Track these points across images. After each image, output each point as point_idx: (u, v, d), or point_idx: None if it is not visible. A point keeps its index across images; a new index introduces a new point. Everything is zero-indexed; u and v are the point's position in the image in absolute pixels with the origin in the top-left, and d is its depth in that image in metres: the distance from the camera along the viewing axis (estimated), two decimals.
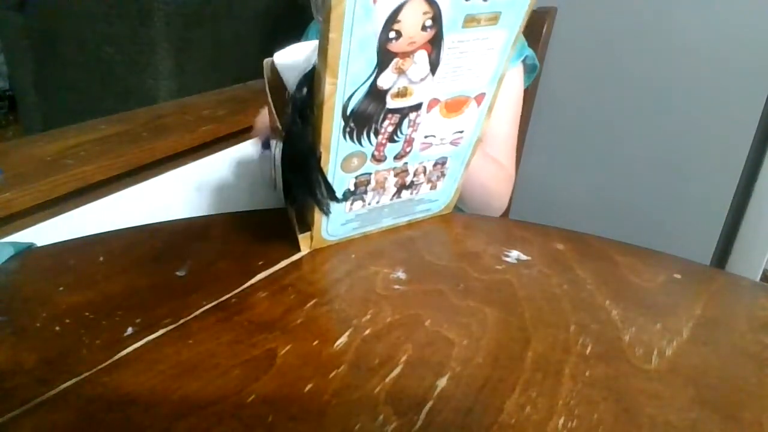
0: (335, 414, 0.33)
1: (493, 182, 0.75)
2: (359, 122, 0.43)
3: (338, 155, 0.44)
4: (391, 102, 0.43)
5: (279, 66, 0.47)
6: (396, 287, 0.46)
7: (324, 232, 0.51)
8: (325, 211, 0.47)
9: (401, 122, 0.45)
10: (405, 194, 0.53)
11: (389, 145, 0.46)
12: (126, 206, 0.78)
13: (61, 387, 0.35)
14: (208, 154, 0.92)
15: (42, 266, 0.51)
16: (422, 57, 0.41)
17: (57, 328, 0.41)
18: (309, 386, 0.35)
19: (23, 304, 0.45)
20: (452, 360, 0.38)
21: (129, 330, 0.40)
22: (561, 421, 0.33)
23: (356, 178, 0.47)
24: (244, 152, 0.98)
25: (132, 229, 0.55)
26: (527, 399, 0.35)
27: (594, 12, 1.14)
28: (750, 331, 0.42)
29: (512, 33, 0.44)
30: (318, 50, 0.38)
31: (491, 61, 0.45)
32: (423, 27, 0.39)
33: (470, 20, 0.41)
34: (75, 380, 0.36)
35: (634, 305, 0.44)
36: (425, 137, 0.48)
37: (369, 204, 0.51)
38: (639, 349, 0.39)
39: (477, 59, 0.44)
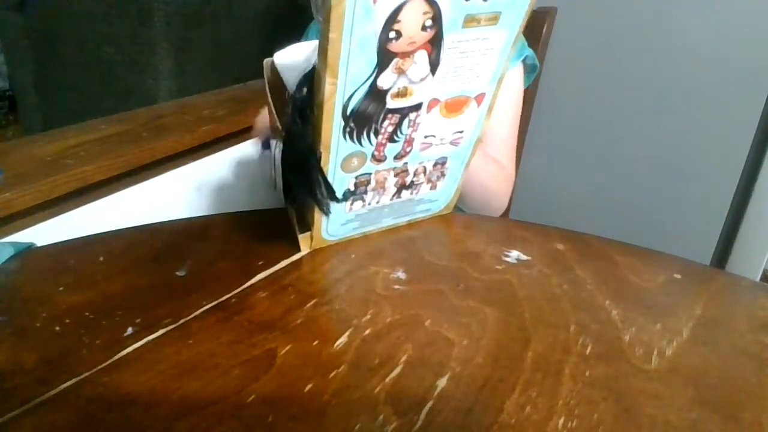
0: (335, 414, 0.33)
1: (493, 182, 0.76)
2: (359, 122, 0.43)
3: (338, 155, 0.44)
4: (391, 102, 0.43)
5: (279, 66, 0.47)
6: (396, 287, 0.46)
7: (324, 232, 0.51)
8: (325, 211, 0.47)
9: (401, 122, 0.45)
10: (405, 194, 0.53)
11: (389, 145, 0.46)
12: (126, 206, 0.78)
13: (61, 387, 0.35)
14: (208, 154, 0.92)
15: (42, 266, 0.51)
16: (422, 57, 0.41)
17: (57, 328, 0.41)
18: (309, 386, 0.35)
19: (23, 304, 0.45)
20: (452, 360, 0.38)
21: (129, 330, 0.40)
22: (561, 421, 0.33)
23: (356, 178, 0.47)
24: (244, 152, 0.98)
25: (132, 229, 0.55)
26: (527, 399, 0.35)
27: (594, 12, 1.14)
28: (750, 331, 0.42)
29: (512, 33, 0.44)
30: (318, 50, 0.38)
31: (491, 61, 0.45)
32: (423, 27, 0.39)
33: (470, 20, 0.41)
34: (75, 380, 0.36)
35: (634, 305, 0.44)
36: (425, 137, 0.48)
37: (369, 204, 0.51)
38: (639, 349, 0.39)
39: (477, 59, 0.44)
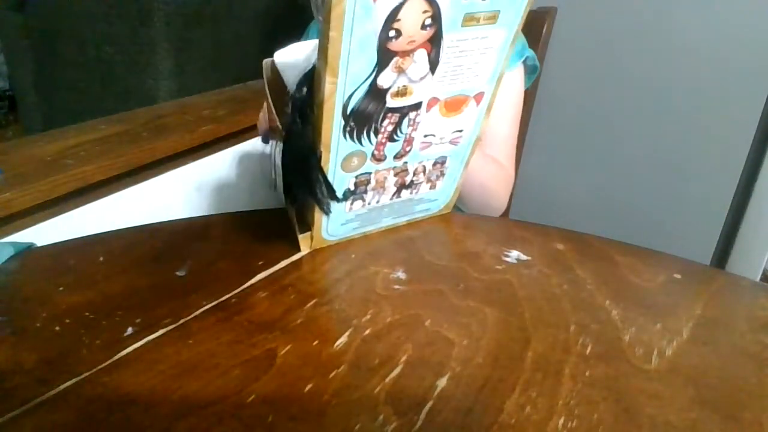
0: (335, 414, 0.33)
1: (493, 182, 0.76)
2: (359, 121, 0.43)
3: (338, 155, 0.44)
4: (391, 101, 0.43)
5: (279, 65, 0.47)
6: (396, 287, 0.46)
7: (324, 232, 0.51)
8: (326, 211, 0.47)
9: (401, 121, 0.45)
10: (405, 194, 0.53)
11: (389, 145, 0.46)
12: (126, 206, 0.78)
13: (61, 387, 0.35)
14: (208, 154, 0.92)
15: (42, 266, 0.50)
16: (422, 56, 0.41)
17: (57, 328, 0.41)
18: (309, 386, 0.35)
19: (23, 304, 0.45)
20: (452, 360, 0.38)
21: (129, 330, 0.40)
22: (561, 421, 0.33)
23: (356, 178, 0.47)
24: (244, 152, 0.98)
25: (132, 229, 0.55)
26: (527, 399, 0.35)
27: (594, 12, 1.14)
28: (750, 331, 0.42)
29: (511, 32, 0.44)
30: (318, 49, 0.38)
31: (490, 60, 0.45)
32: (422, 26, 0.39)
33: (469, 19, 0.41)
34: (75, 380, 0.36)
35: (634, 305, 0.44)
36: (425, 136, 0.48)
37: (369, 204, 0.51)
38: (639, 349, 0.39)
39: (476, 58, 0.44)
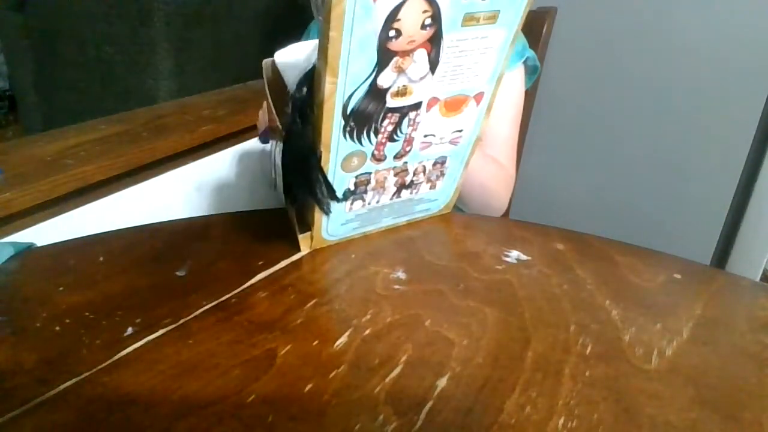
0: (335, 414, 0.33)
1: (493, 182, 0.76)
2: (359, 121, 0.43)
3: (338, 154, 0.44)
4: (391, 101, 0.43)
5: (280, 65, 0.47)
6: (396, 287, 0.46)
7: (324, 232, 0.51)
8: (326, 211, 0.47)
9: (401, 121, 0.45)
10: (405, 194, 0.53)
11: (389, 145, 0.46)
12: (126, 206, 0.78)
13: (61, 387, 0.35)
14: (208, 154, 0.92)
15: (42, 266, 0.50)
16: (422, 56, 0.41)
17: (57, 328, 0.41)
18: (309, 386, 0.35)
19: (23, 304, 0.45)
20: (452, 360, 0.38)
21: (129, 330, 0.40)
22: (561, 421, 0.33)
23: (356, 178, 0.47)
24: (244, 152, 0.98)
25: (132, 229, 0.55)
26: (527, 399, 0.35)
27: (594, 12, 1.14)
28: (750, 331, 0.42)
29: (511, 32, 0.44)
30: (318, 49, 0.38)
31: (490, 60, 0.45)
32: (422, 26, 0.39)
33: (469, 19, 0.41)
34: (75, 380, 0.36)
35: (634, 305, 0.44)
36: (425, 136, 0.48)
37: (369, 204, 0.51)
38: (639, 349, 0.39)
39: (476, 58, 0.44)
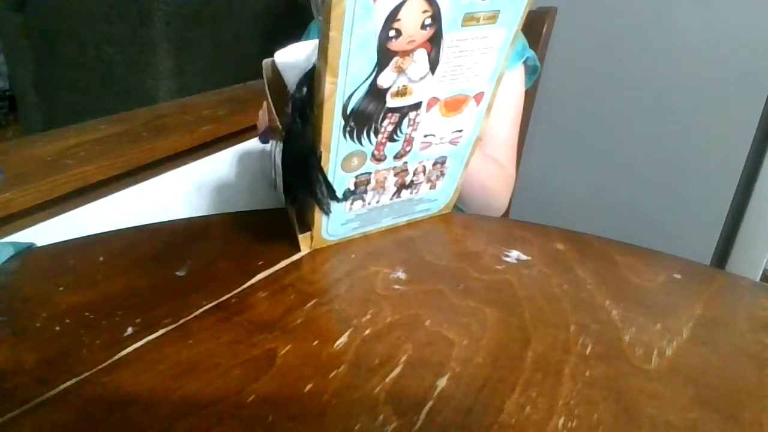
0: (335, 414, 0.33)
1: (493, 182, 0.76)
2: (359, 121, 0.43)
3: (338, 155, 0.44)
4: (391, 101, 0.43)
5: (280, 65, 0.47)
6: (396, 287, 0.46)
7: (324, 232, 0.51)
8: (326, 211, 0.47)
9: (401, 121, 0.45)
10: (405, 194, 0.53)
11: (389, 145, 0.46)
12: (126, 206, 0.78)
13: (61, 387, 0.35)
14: (208, 154, 0.92)
15: (42, 266, 0.50)
16: (422, 56, 0.41)
17: (57, 328, 0.41)
18: (309, 386, 0.35)
19: (23, 304, 0.45)
20: (452, 360, 0.38)
21: (129, 330, 0.40)
22: (561, 421, 0.33)
23: (356, 178, 0.47)
24: (244, 152, 0.98)
25: (132, 229, 0.55)
26: (527, 399, 0.35)
27: (594, 12, 1.14)
28: (750, 331, 0.42)
29: (511, 32, 0.44)
30: (318, 49, 0.38)
31: (490, 60, 0.45)
32: (422, 26, 0.39)
33: (469, 19, 0.41)
34: (75, 380, 0.36)
35: (634, 305, 0.44)
36: (425, 136, 0.48)
37: (369, 204, 0.51)
38: (639, 349, 0.39)
39: (476, 58, 0.44)
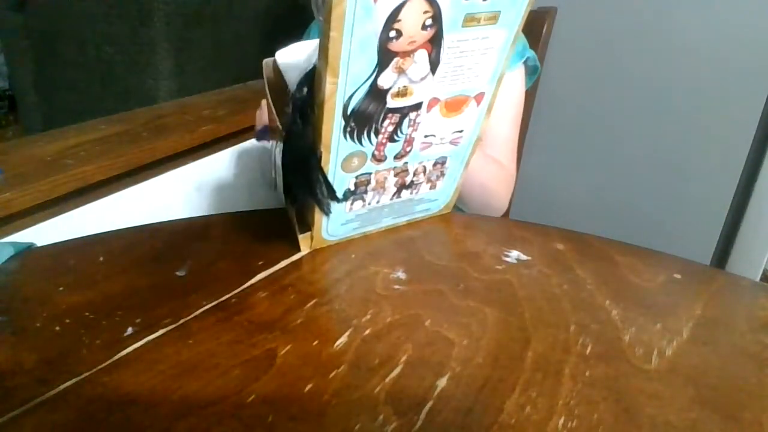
0: (335, 414, 0.33)
1: (494, 182, 0.76)
2: (360, 122, 0.43)
3: (339, 155, 0.44)
4: (392, 101, 0.43)
5: (281, 65, 0.47)
6: (396, 287, 0.46)
7: (324, 232, 0.51)
8: (326, 211, 0.47)
9: (401, 122, 0.45)
10: (405, 194, 0.53)
11: (389, 145, 0.46)
12: (126, 206, 0.78)
13: (61, 387, 0.35)
14: (208, 154, 0.92)
15: (42, 266, 0.50)
16: (422, 56, 0.41)
17: (57, 328, 0.41)
18: (309, 386, 0.35)
19: (23, 304, 0.45)
20: (452, 360, 0.38)
21: (129, 330, 0.40)
22: (561, 421, 0.33)
23: (356, 178, 0.47)
24: (244, 152, 0.98)
25: (132, 229, 0.55)
26: (527, 399, 0.35)
27: (594, 12, 1.14)
28: (750, 331, 0.42)
29: (511, 32, 0.44)
30: (318, 50, 0.38)
31: (491, 61, 0.45)
32: (423, 26, 0.39)
33: (470, 19, 0.41)
34: (75, 380, 0.36)
35: (634, 305, 0.44)
36: (425, 137, 0.48)
37: (369, 204, 0.51)
38: (639, 349, 0.39)
39: (477, 58, 0.44)
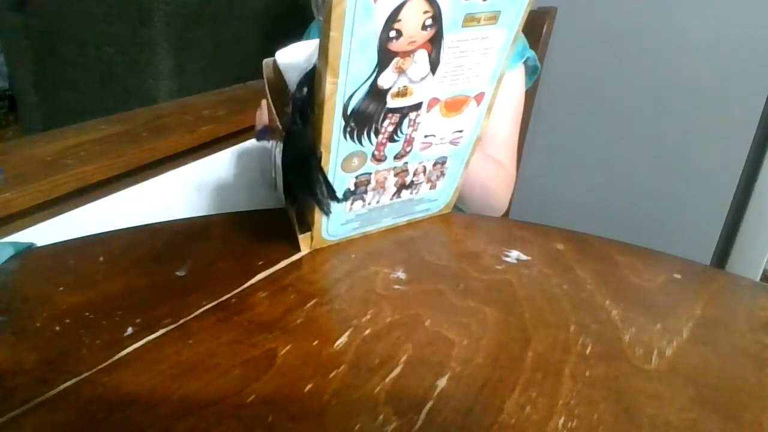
0: (335, 414, 0.33)
1: (494, 182, 0.76)
2: (360, 122, 0.43)
3: (339, 155, 0.44)
4: (392, 101, 0.43)
5: (281, 65, 0.47)
6: (396, 287, 0.46)
7: (324, 232, 0.51)
8: (326, 211, 0.47)
9: (401, 122, 0.45)
10: (405, 194, 0.53)
11: (389, 145, 0.46)
12: (126, 206, 0.78)
13: (61, 387, 0.35)
14: (208, 154, 0.92)
15: (42, 266, 0.50)
16: (422, 56, 0.41)
17: (57, 328, 0.41)
18: (309, 386, 0.35)
19: (23, 304, 0.45)
20: (452, 360, 0.38)
21: (129, 330, 0.40)
22: (561, 421, 0.33)
23: (356, 178, 0.47)
24: (244, 152, 0.98)
25: (132, 229, 0.55)
26: (527, 399, 0.35)
27: (594, 12, 1.14)
28: (750, 331, 0.42)
29: (511, 32, 0.44)
30: (318, 50, 0.38)
31: (491, 61, 0.45)
32: (423, 26, 0.39)
33: (470, 19, 0.41)
34: (75, 380, 0.36)
35: (634, 305, 0.44)
36: (425, 137, 0.48)
37: (369, 204, 0.51)
38: (639, 349, 0.39)
39: (477, 58, 0.44)
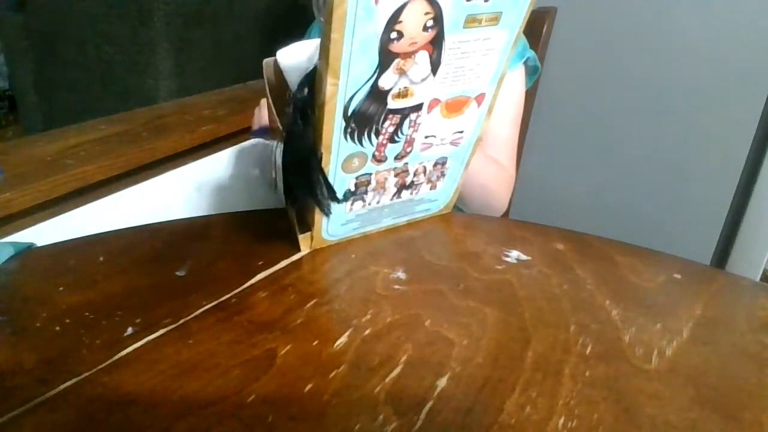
0: (335, 414, 0.33)
1: (494, 183, 0.76)
2: (360, 123, 0.43)
3: (339, 156, 0.44)
4: (392, 102, 0.43)
5: (282, 66, 0.47)
6: (396, 287, 0.46)
7: (324, 233, 0.51)
8: (326, 212, 0.47)
9: (402, 122, 0.45)
10: (405, 194, 0.53)
11: (390, 146, 0.46)
12: (126, 206, 0.78)
13: (61, 387, 0.35)
14: (208, 154, 0.92)
15: (42, 266, 0.50)
16: (423, 57, 0.41)
17: (57, 328, 0.41)
18: (309, 386, 0.35)
19: (23, 304, 0.45)
20: (452, 360, 0.38)
21: (129, 330, 0.40)
22: (561, 421, 0.33)
23: (357, 179, 0.47)
24: (245, 152, 0.98)
25: (132, 229, 0.55)
26: (527, 399, 0.35)
27: (594, 12, 1.14)
28: (750, 331, 0.42)
29: (513, 33, 0.44)
30: (319, 51, 0.38)
31: (492, 62, 0.45)
32: (424, 27, 0.39)
33: (471, 20, 0.41)
34: (75, 380, 0.36)
35: (634, 305, 0.44)
36: (426, 137, 0.48)
37: (369, 204, 0.51)
38: (639, 349, 0.40)
39: (478, 59, 0.44)
